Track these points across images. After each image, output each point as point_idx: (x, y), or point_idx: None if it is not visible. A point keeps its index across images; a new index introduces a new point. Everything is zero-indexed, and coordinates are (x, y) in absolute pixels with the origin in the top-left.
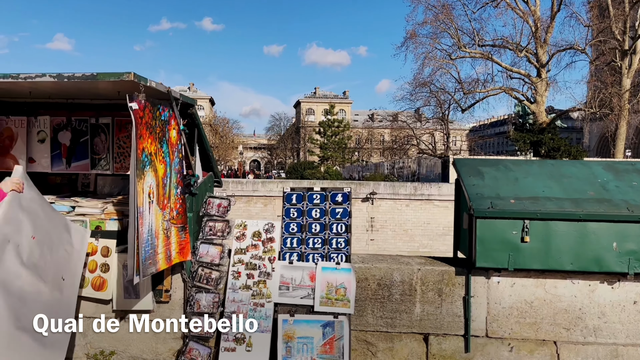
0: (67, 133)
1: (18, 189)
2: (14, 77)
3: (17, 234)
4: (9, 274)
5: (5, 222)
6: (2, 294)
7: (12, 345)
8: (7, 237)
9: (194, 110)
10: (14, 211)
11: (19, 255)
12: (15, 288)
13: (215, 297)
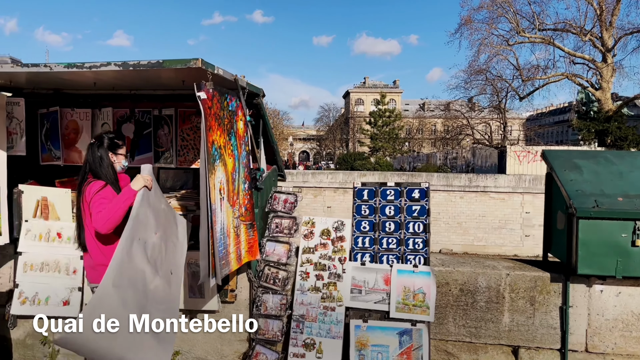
0: (131, 125)
1: (149, 185)
2: (79, 67)
3: (145, 231)
4: (136, 271)
5: (138, 222)
6: (132, 291)
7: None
8: (137, 235)
9: (259, 100)
10: (144, 209)
11: (145, 252)
12: (140, 285)
13: (282, 298)
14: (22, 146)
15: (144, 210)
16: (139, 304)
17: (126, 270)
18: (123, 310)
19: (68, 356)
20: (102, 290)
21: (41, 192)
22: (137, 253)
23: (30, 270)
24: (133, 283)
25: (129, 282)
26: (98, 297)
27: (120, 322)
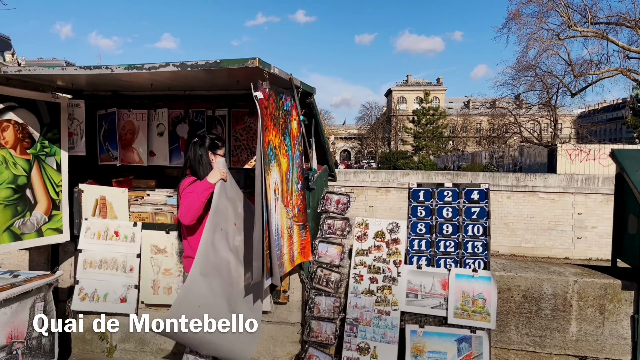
0: (185, 126)
1: (225, 177)
2: (139, 68)
3: (225, 221)
4: (221, 259)
5: (218, 213)
6: (217, 278)
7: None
8: (219, 226)
9: (312, 100)
10: (222, 200)
11: (227, 241)
12: (225, 273)
13: (335, 301)
14: (82, 146)
15: (223, 201)
16: (224, 291)
17: (211, 259)
18: (211, 297)
19: (125, 352)
20: (191, 279)
21: (100, 191)
22: (220, 243)
23: (89, 268)
24: (218, 271)
25: (214, 270)
26: (188, 285)
27: (208, 307)
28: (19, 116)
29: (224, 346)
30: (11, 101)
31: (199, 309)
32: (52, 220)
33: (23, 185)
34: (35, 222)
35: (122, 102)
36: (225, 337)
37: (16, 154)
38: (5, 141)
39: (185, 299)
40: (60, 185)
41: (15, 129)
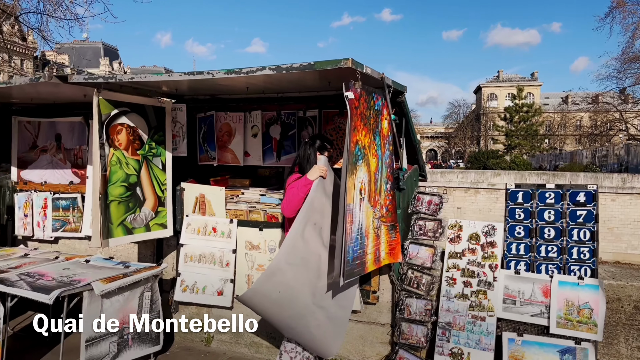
0: (277, 127)
1: (324, 175)
2: (237, 72)
3: (320, 217)
4: (311, 253)
5: (313, 208)
6: (304, 270)
7: (308, 318)
8: (313, 220)
9: (403, 98)
10: (320, 197)
11: (320, 236)
12: (314, 265)
13: (427, 304)
14: (183, 148)
15: (320, 197)
16: (310, 283)
17: (300, 250)
18: (295, 286)
19: (221, 342)
20: (275, 264)
21: (199, 190)
22: (312, 236)
23: (190, 261)
24: (306, 263)
25: (301, 261)
26: (271, 270)
27: (290, 295)
28: (130, 120)
29: (304, 335)
30: (124, 106)
31: (279, 295)
32: (158, 216)
33: (134, 183)
34: (144, 218)
35: (220, 106)
36: (307, 328)
37: (128, 155)
38: (119, 143)
39: (266, 281)
40: (165, 183)
41: (128, 131)
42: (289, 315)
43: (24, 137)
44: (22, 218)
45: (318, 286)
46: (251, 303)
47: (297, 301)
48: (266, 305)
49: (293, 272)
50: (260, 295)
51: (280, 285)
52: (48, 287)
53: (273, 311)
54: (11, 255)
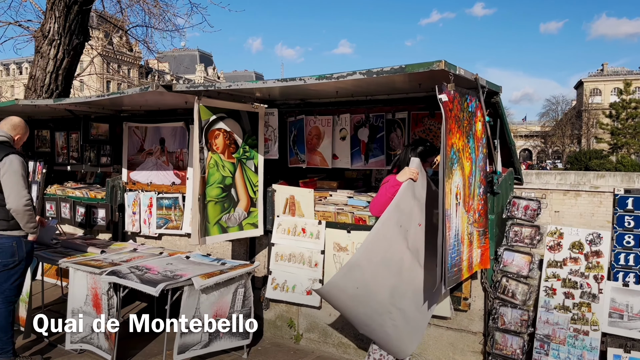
0: (365, 130)
1: (415, 177)
2: (328, 78)
3: (407, 220)
4: (393, 254)
5: (399, 210)
6: (384, 270)
7: (384, 317)
8: (398, 222)
9: (498, 99)
10: (407, 199)
11: (405, 239)
12: (395, 266)
13: (523, 314)
14: (275, 151)
15: (407, 200)
16: (390, 283)
17: (380, 250)
18: (373, 285)
19: (310, 341)
20: (354, 260)
21: (289, 191)
22: (396, 238)
23: (280, 260)
24: (387, 263)
25: (382, 260)
26: (350, 265)
27: (367, 292)
28: (227, 125)
29: (378, 333)
30: (222, 112)
31: (356, 291)
32: (250, 216)
33: (229, 185)
34: (238, 217)
35: (309, 110)
36: (382, 327)
37: (224, 158)
38: (217, 147)
39: (344, 276)
40: (257, 185)
41: (225, 136)
42: (364, 312)
43: (132, 141)
44: (131, 215)
45: (398, 287)
46: (328, 296)
47: (374, 299)
48: (342, 299)
49: (372, 270)
50: (338, 290)
51: (357, 281)
52: (154, 280)
53: (349, 306)
54: (122, 249)
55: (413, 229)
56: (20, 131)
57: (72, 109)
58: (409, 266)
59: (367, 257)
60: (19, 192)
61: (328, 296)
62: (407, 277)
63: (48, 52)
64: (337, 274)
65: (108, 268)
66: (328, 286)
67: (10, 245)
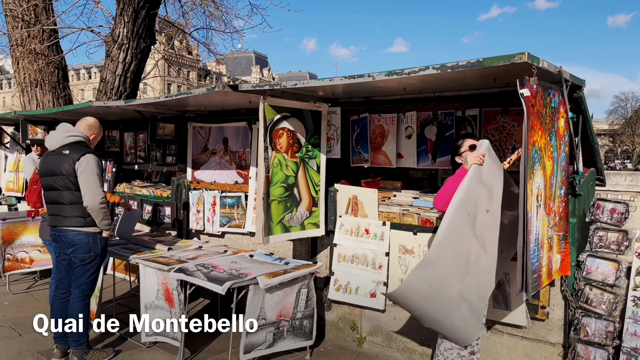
0: (433, 128)
1: (480, 162)
2: (398, 74)
3: (474, 207)
4: (462, 246)
5: (466, 197)
6: (455, 261)
7: (453, 310)
8: (466, 211)
9: (581, 94)
10: (474, 185)
11: (473, 227)
12: (464, 258)
13: (608, 325)
14: (337, 150)
15: (475, 185)
16: (460, 276)
17: (451, 243)
18: (444, 278)
19: (373, 344)
20: (427, 258)
21: (352, 191)
22: (464, 228)
23: (343, 261)
24: (457, 256)
25: (452, 254)
26: (424, 263)
27: (439, 288)
28: (291, 124)
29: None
30: (286, 111)
31: (429, 288)
32: (312, 216)
33: (292, 184)
34: (300, 217)
35: (373, 108)
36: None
37: (288, 157)
38: (281, 146)
39: (418, 275)
40: (319, 185)
41: (288, 135)
42: (435, 308)
43: (197, 141)
44: (195, 213)
45: (466, 279)
46: (402, 299)
47: (445, 294)
48: (415, 300)
49: (444, 265)
50: (412, 291)
51: (431, 279)
52: (220, 278)
53: (421, 305)
54: (188, 247)
55: (480, 215)
56: (95, 131)
57: (140, 109)
58: (475, 256)
59: (439, 252)
60: (95, 190)
61: (402, 299)
62: (474, 267)
63: (117, 55)
64: (410, 276)
65: (176, 265)
66: (403, 288)
67: (87, 242)
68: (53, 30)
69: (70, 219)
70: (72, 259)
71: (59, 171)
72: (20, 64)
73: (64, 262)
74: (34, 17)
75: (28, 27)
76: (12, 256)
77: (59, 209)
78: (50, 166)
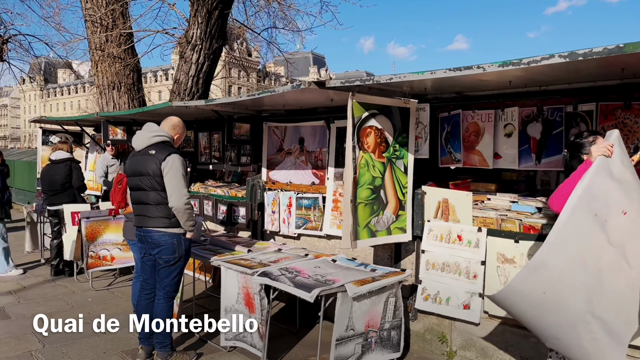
0: (538, 125)
1: (607, 153)
2: (515, 64)
3: (605, 207)
4: (589, 250)
5: (591, 194)
6: (579, 270)
7: (579, 328)
8: (592, 210)
9: None
10: (601, 180)
11: (604, 231)
12: (592, 266)
13: None
14: (425, 149)
15: (602, 181)
16: (587, 287)
17: (571, 246)
18: (563, 287)
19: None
20: (538, 259)
21: (442, 194)
22: (590, 230)
23: (432, 269)
24: (581, 262)
25: (574, 259)
26: (533, 265)
27: (556, 298)
28: (379, 122)
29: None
30: (374, 109)
31: (543, 296)
32: (399, 220)
33: (378, 186)
34: (386, 221)
35: (466, 104)
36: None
37: (375, 158)
38: (368, 146)
39: (527, 278)
40: (406, 187)
41: (376, 134)
42: (555, 322)
43: (272, 141)
44: (270, 214)
45: (596, 292)
46: (506, 303)
47: (566, 307)
48: (525, 307)
49: (561, 270)
50: (519, 295)
51: (544, 285)
52: (307, 284)
53: (533, 315)
54: (266, 248)
55: (615, 218)
56: (179, 131)
57: (218, 109)
58: (610, 265)
59: (554, 255)
60: (180, 191)
61: (507, 303)
62: (608, 278)
63: (191, 56)
64: (516, 277)
65: (258, 269)
66: (508, 290)
67: (171, 243)
68: (129, 34)
69: (155, 220)
70: (157, 259)
71: (145, 171)
72: (99, 67)
73: (149, 263)
74: (111, 21)
75: (106, 32)
76: (95, 253)
77: (145, 210)
78: (136, 166)
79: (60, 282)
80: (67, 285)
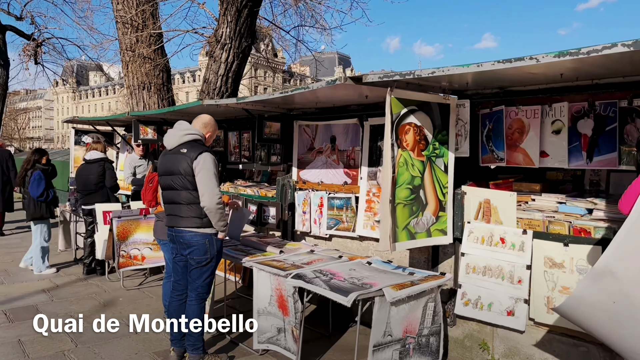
0: (589, 121)
1: None
2: (572, 54)
3: None
4: None
5: None
6: None
7: None
8: None
9: None
10: None
11: None
12: None
13: None
14: (466, 147)
15: None
16: None
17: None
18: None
19: None
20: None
21: (483, 194)
22: None
23: (472, 273)
24: None
25: None
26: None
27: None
28: (417, 119)
29: None
30: (413, 105)
31: (613, 306)
32: (439, 222)
33: (418, 186)
34: (426, 222)
35: (509, 99)
36: None
37: (414, 156)
38: (407, 143)
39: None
40: (446, 186)
41: (415, 131)
42: (631, 333)
43: (303, 139)
44: (301, 215)
45: None
46: (573, 315)
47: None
48: (594, 318)
49: (631, 277)
50: (586, 306)
51: (613, 294)
52: (343, 288)
53: (607, 327)
54: (298, 249)
55: None
56: (211, 129)
57: (249, 108)
58: None
59: (622, 261)
60: (212, 190)
61: (574, 314)
62: None
63: (220, 56)
64: (579, 286)
65: (292, 270)
66: (573, 300)
67: (203, 243)
68: (159, 35)
69: (187, 220)
70: (189, 260)
71: (177, 170)
72: (129, 67)
73: (181, 264)
74: (141, 22)
75: (136, 32)
76: (126, 253)
77: (176, 209)
78: (168, 165)
79: (92, 281)
80: (98, 284)
